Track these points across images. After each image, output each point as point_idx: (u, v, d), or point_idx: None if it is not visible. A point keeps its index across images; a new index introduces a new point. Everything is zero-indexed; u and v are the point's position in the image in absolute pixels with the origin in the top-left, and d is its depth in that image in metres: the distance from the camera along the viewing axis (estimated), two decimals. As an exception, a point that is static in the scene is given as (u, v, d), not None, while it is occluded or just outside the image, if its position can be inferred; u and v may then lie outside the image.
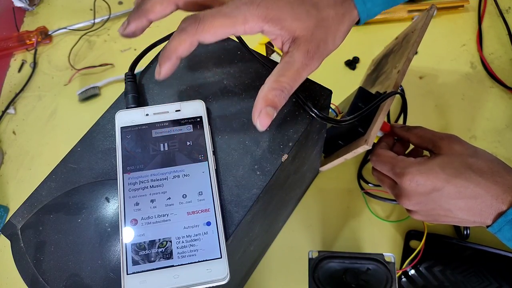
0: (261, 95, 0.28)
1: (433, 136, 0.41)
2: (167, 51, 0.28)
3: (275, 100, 0.28)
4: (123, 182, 0.30)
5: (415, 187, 0.38)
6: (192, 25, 0.27)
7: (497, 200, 0.35)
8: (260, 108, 0.28)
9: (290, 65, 0.29)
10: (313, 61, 0.29)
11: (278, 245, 0.53)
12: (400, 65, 0.44)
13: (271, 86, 0.28)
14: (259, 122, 0.28)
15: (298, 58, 0.29)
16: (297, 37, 0.29)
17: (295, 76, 0.29)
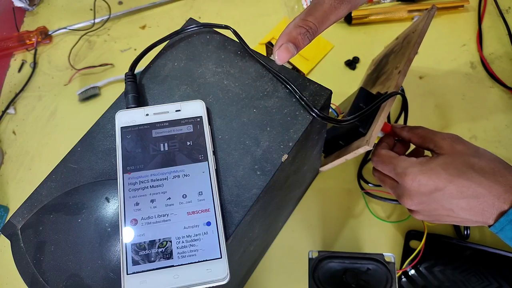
0: (286, 31, 0.29)
1: (435, 136, 0.41)
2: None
3: (298, 37, 0.29)
4: (123, 182, 0.30)
5: (417, 187, 0.38)
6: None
7: (499, 199, 0.35)
8: (282, 42, 0.29)
9: (319, 6, 0.29)
10: (342, 5, 0.29)
11: (278, 245, 0.53)
12: (401, 65, 0.44)
13: (297, 23, 0.29)
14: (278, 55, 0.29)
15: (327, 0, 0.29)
16: None
17: (322, 17, 0.29)
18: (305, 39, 0.29)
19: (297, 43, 0.29)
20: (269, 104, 0.34)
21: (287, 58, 0.29)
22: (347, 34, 0.68)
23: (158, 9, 0.76)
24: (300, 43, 0.29)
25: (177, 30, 0.38)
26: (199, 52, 0.37)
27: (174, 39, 0.38)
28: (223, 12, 0.73)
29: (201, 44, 0.38)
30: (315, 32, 0.29)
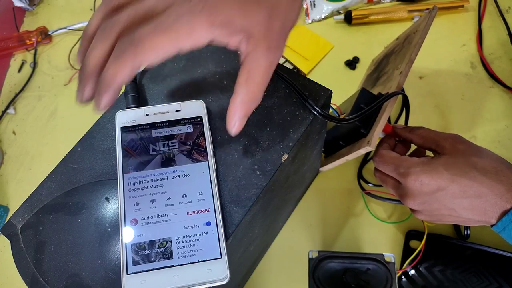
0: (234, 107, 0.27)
1: (437, 136, 0.41)
2: (105, 81, 0.24)
3: (248, 110, 0.27)
4: (123, 182, 0.30)
5: (419, 186, 0.38)
6: (129, 49, 0.23)
7: (501, 199, 0.35)
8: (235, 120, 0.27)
9: (256, 68, 0.26)
10: (277, 54, 0.27)
11: (278, 245, 0.53)
12: (402, 66, 0.44)
13: (244, 99, 0.27)
14: (234, 131, 0.27)
15: (262, 58, 0.26)
16: (253, 34, 0.25)
17: (264, 78, 0.27)
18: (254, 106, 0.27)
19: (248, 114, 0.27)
20: (269, 104, 0.34)
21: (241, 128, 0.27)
22: (347, 34, 0.68)
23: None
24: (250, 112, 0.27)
25: (177, 30, 0.38)
26: (199, 52, 0.37)
27: (174, 39, 0.38)
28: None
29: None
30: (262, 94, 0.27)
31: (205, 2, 0.24)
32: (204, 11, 0.24)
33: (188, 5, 0.24)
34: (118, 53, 0.24)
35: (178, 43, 0.24)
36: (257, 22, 0.25)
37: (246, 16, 0.25)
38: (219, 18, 0.24)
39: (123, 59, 0.23)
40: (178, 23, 0.23)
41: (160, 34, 0.23)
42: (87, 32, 0.27)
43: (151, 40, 0.23)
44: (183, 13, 0.24)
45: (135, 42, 0.23)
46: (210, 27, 0.24)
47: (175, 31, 0.23)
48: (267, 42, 0.26)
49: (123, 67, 0.24)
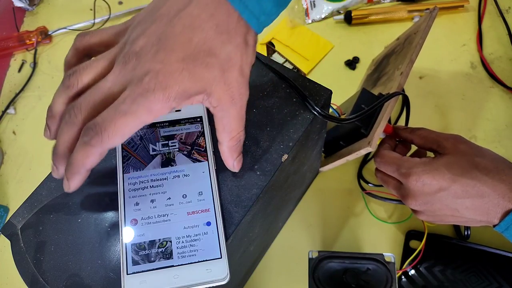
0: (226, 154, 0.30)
1: (438, 137, 0.41)
2: (74, 166, 0.26)
3: (237, 150, 0.30)
4: (123, 182, 0.30)
5: (421, 187, 0.38)
6: (95, 137, 0.24)
7: (503, 198, 0.35)
8: (232, 162, 0.30)
9: (228, 119, 0.28)
10: (242, 99, 0.28)
11: (278, 245, 0.53)
12: (403, 66, 0.44)
13: (229, 145, 0.29)
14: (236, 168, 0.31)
15: (229, 109, 0.28)
16: (211, 92, 0.26)
17: (239, 122, 0.29)
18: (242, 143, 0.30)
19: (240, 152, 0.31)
20: (269, 104, 0.34)
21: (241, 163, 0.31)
22: (347, 34, 0.68)
23: (158, 9, 0.76)
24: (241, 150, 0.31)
25: (177, 30, 0.38)
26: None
27: (174, 39, 0.38)
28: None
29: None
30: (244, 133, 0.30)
31: (156, 79, 0.25)
32: (157, 89, 0.25)
33: (141, 86, 0.25)
34: (85, 140, 0.25)
35: (142, 122, 0.25)
36: (212, 80, 0.26)
37: (199, 82, 0.26)
38: (173, 91, 0.25)
39: (90, 145, 0.25)
40: (135, 105, 0.24)
41: (121, 118, 0.24)
42: (51, 113, 0.28)
43: (114, 125, 0.24)
44: (137, 95, 0.25)
45: (99, 130, 0.24)
46: (167, 101, 0.25)
47: (134, 113, 0.25)
48: (228, 94, 0.27)
49: (90, 154, 0.25)
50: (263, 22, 0.28)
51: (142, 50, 0.26)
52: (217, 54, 0.26)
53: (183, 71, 0.25)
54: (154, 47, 0.26)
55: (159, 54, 0.25)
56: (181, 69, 0.25)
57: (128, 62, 0.26)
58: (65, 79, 0.29)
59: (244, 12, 0.26)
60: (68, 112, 0.27)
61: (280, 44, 0.67)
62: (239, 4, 0.26)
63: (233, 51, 0.26)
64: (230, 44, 0.26)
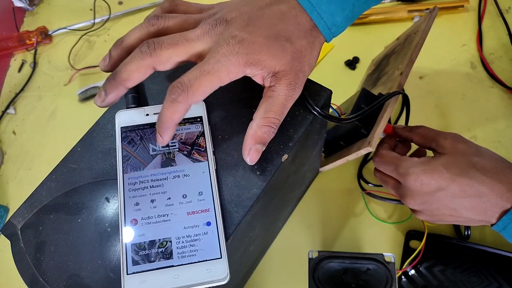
0: (251, 133, 0.30)
1: (437, 135, 0.41)
2: (165, 122, 0.28)
3: (264, 136, 0.30)
4: (123, 182, 0.30)
5: (419, 186, 0.38)
6: (182, 94, 0.28)
7: (501, 198, 0.35)
8: (250, 146, 0.30)
9: (275, 100, 0.30)
10: (295, 91, 0.30)
11: (278, 245, 0.53)
12: (403, 66, 0.44)
13: (260, 123, 0.29)
14: (249, 158, 0.30)
15: (282, 92, 0.30)
16: (277, 72, 0.29)
17: (281, 109, 0.30)
18: (270, 135, 0.30)
19: (264, 142, 0.30)
20: (269, 104, 0.34)
21: (258, 158, 0.30)
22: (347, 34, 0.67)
23: (158, 9, 0.76)
24: (266, 140, 0.30)
25: (177, 30, 0.38)
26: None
27: (174, 39, 0.38)
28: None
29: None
30: (278, 125, 0.30)
31: (241, 44, 0.28)
32: (240, 53, 0.28)
33: (226, 47, 0.28)
34: (172, 97, 0.28)
35: (219, 82, 0.28)
36: (282, 63, 0.29)
37: (273, 58, 0.29)
38: (251, 60, 0.29)
39: (178, 102, 0.28)
40: (218, 65, 0.28)
41: (205, 77, 0.28)
42: (122, 43, 0.31)
43: (199, 83, 0.28)
44: (221, 55, 0.28)
45: (186, 87, 0.28)
46: (243, 67, 0.29)
47: (216, 72, 0.28)
48: (288, 79, 0.30)
49: (178, 110, 0.28)
50: (333, 32, 0.32)
51: (233, 20, 0.30)
52: (293, 42, 0.30)
53: (263, 45, 0.29)
54: (245, 21, 0.29)
55: (248, 27, 0.29)
56: (262, 43, 0.29)
57: (217, 26, 0.29)
58: (151, 19, 0.31)
59: (320, 22, 0.31)
60: (147, 44, 0.29)
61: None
62: (316, 16, 0.30)
63: (305, 46, 0.30)
64: (304, 39, 0.30)
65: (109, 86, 0.30)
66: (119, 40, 0.31)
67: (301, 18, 0.30)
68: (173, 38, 0.29)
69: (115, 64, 0.31)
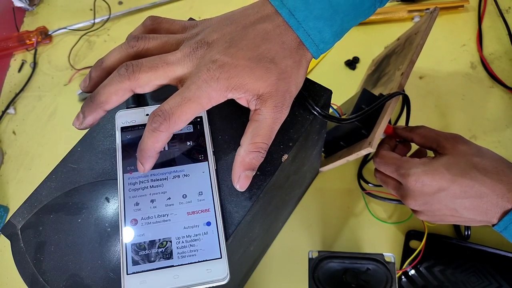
0: (239, 160, 0.29)
1: (438, 136, 0.41)
2: (146, 151, 0.28)
3: (253, 162, 0.29)
4: (123, 182, 0.30)
5: (420, 187, 0.38)
6: (164, 123, 0.27)
7: (502, 198, 0.35)
8: (239, 173, 0.29)
9: (262, 123, 0.29)
10: (282, 113, 0.29)
11: (278, 245, 0.53)
12: (404, 67, 0.44)
13: (247, 149, 0.29)
14: (239, 185, 0.29)
15: (268, 115, 0.29)
16: (262, 94, 0.29)
17: (269, 133, 0.29)
18: (259, 160, 0.29)
19: (253, 167, 0.29)
20: (269, 104, 0.34)
21: (248, 183, 0.29)
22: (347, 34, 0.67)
23: (158, 9, 0.76)
24: (255, 166, 0.29)
25: (177, 30, 0.38)
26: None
27: (174, 39, 0.38)
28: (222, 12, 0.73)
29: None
30: (266, 149, 0.29)
31: (222, 69, 0.28)
32: (221, 78, 0.27)
33: (207, 73, 0.28)
34: (154, 126, 0.27)
35: (202, 108, 0.28)
36: (266, 85, 0.29)
37: (257, 81, 0.28)
38: (233, 84, 0.28)
39: (159, 131, 0.27)
40: (199, 91, 0.27)
41: (186, 104, 0.27)
42: (102, 64, 0.31)
43: (180, 111, 0.27)
44: (202, 81, 0.27)
45: (167, 116, 0.27)
46: (225, 91, 0.28)
47: (198, 99, 0.27)
48: (273, 101, 0.29)
49: (159, 139, 0.28)
50: (321, 49, 0.31)
51: (215, 42, 0.29)
52: (277, 63, 0.29)
53: (246, 68, 0.28)
54: (227, 43, 0.29)
55: (230, 49, 0.28)
56: (245, 66, 0.28)
57: (199, 49, 0.29)
58: (131, 40, 0.30)
59: (307, 40, 0.30)
60: (126, 66, 0.29)
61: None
62: (303, 33, 0.29)
63: (290, 66, 0.29)
64: (290, 59, 0.29)
65: (87, 109, 0.29)
66: (99, 61, 0.31)
67: (286, 37, 0.29)
68: (152, 61, 0.29)
69: (95, 85, 0.30)
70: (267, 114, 0.29)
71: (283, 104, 0.29)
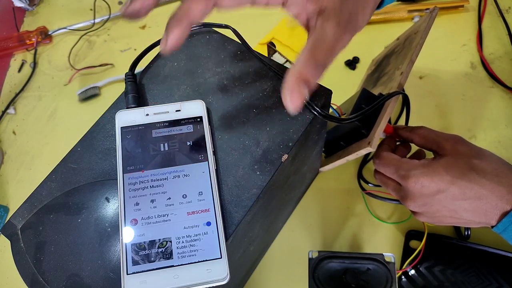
0: (293, 71, 0.24)
1: (437, 137, 0.41)
2: (177, 15, 0.24)
3: (308, 78, 0.24)
4: (123, 182, 0.30)
5: (419, 189, 0.38)
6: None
7: (501, 200, 0.35)
8: (292, 85, 0.24)
9: (322, 39, 0.25)
10: (345, 34, 0.26)
11: (278, 245, 0.53)
12: (403, 66, 0.44)
13: (305, 60, 0.25)
14: (291, 103, 0.24)
15: (330, 31, 0.25)
16: (325, 8, 0.26)
17: (329, 49, 0.25)
18: (316, 76, 0.25)
19: (309, 84, 0.24)
20: (269, 104, 0.34)
21: (301, 104, 0.24)
22: (347, 34, 0.67)
23: (158, 9, 0.75)
24: (311, 82, 0.25)
25: (177, 30, 0.38)
26: (199, 52, 0.37)
27: (174, 39, 0.38)
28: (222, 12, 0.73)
29: (201, 44, 0.38)
30: (324, 67, 0.25)
31: None
32: None
33: None
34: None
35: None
36: None
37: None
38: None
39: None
40: None
41: None
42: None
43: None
44: None
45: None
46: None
47: None
48: (337, 17, 0.26)
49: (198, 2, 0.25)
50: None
51: None
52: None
53: None
54: None
55: None
56: None
57: None
58: None
59: None
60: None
61: (280, 44, 0.67)
62: None
63: None
64: None
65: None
66: None
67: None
68: None
69: None
70: (329, 30, 0.25)
71: (347, 25, 0.26)
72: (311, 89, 0.25)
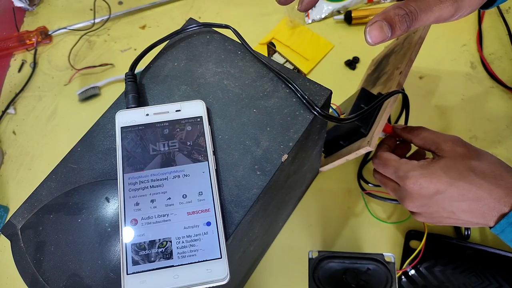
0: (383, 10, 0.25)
1: (437, 138, 0.41)
2: None
3: (395, 19, 0.25)
4: (123, 182, 0.30)
5: (418, 190, 0.38)
6: None
7: (499, 202, 0.35)
8: (375, 19, 0.25)
9: None
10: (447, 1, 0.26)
11: (278, 245, 0.53)
12: (403, 66, 0.44)
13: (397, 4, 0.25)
14: (369, 32, 0.25)
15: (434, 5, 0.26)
16: None
17: (425, 6, 0.26)
18: (402, 22, 0.25)
19: (393, 25, 0.25)
20: (269, 104, 0.34)
21: (379, 38, 0.25)
22: (347, 34, 0.68)
23: (158, 9, 0.76)
24: (396, 25, 0.25)
25: (177, 30, 0.38)
26: (199, 52, 0.37)
27: (174, 39, 0.38)
28: (223, 12, 0.73)
29: (201, 44, 0.38)
30: (414, 19, 0.26)
31: None
32: None
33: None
34: None
35: None
36: None
37: None
38: None
39: None
40: None
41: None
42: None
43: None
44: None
45: None
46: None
47: None
48: None
49: None
50: None
51: None
52: None
53: None
54: None
55: None
56: None
57: None
58: None
59: None
60: None
61: (280, 44, 0.67)
62: None
63: None
64: None
65: None
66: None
67: None
68: None
69: None
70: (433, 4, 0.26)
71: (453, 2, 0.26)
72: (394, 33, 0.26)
